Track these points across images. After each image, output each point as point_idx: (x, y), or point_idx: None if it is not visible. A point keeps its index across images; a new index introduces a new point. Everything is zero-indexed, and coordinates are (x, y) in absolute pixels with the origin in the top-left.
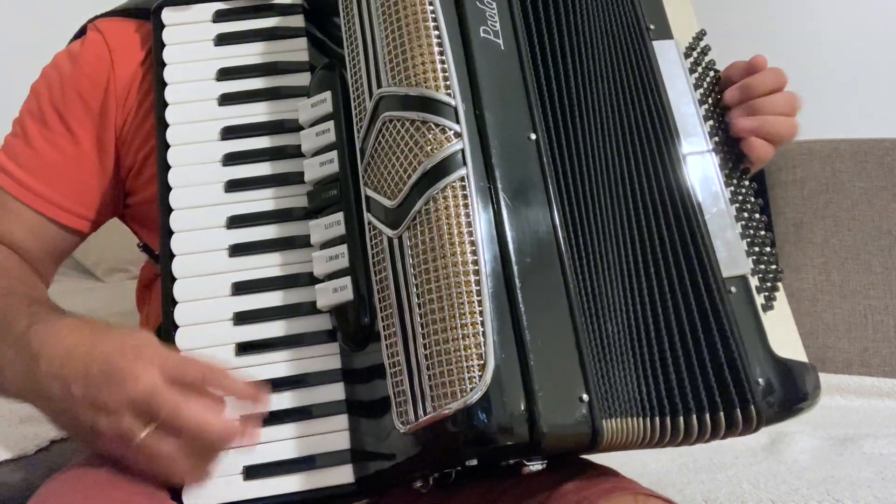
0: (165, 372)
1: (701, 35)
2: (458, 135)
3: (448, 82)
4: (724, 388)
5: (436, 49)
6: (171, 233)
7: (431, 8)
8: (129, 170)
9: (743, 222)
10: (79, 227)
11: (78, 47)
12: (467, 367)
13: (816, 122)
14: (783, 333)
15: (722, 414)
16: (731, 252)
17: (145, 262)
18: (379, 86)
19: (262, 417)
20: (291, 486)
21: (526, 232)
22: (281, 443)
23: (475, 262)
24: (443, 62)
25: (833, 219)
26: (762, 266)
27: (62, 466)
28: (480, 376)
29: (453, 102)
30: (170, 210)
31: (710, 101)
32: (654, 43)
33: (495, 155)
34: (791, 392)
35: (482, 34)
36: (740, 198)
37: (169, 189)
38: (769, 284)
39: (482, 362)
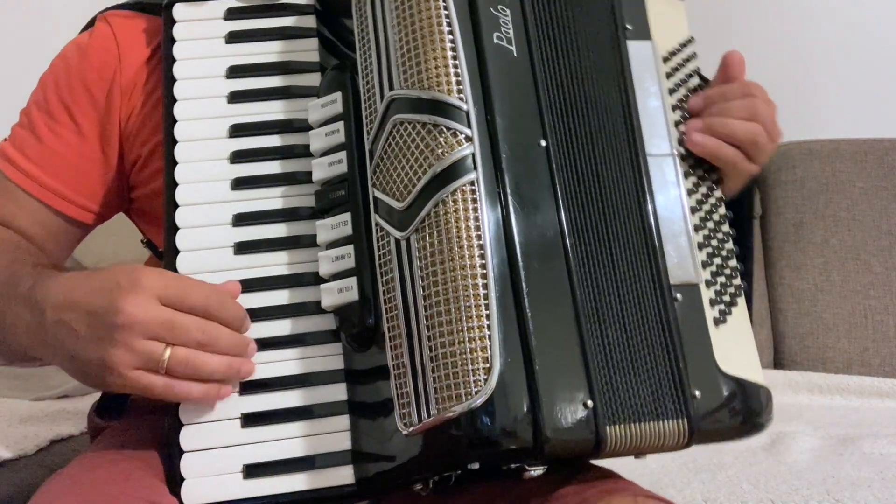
0: (167, 299)
1: (687, 42)
2: (469, 139)
3: (460, 87)
4: (657, 396)
5: (449, 53)
6: (176, 228)
7: (446, 13)
8: (134, 163)
9: (706, 232)
10: (83, 219)
11: (86, 39)
12: (473, 370)
13: (816, 122)
14: (736, 350)
15: (650, 425)
16: (682, 259)
17: (148, 258)
18: (391, 88)
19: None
20: (291, 486)
21: (534, 237)
22: (281, 442)
23: (483, 266)
24: (456, 67)
25: (833, 219)
26: (722, 279)
27: (62, 466)
28: (486, 380)
29: (465, 107)
30: (176, 206)
31: (685, 106)
32: (630, 43)
33: (505, 160)
34: (733, 411)
35: (495, 40)
36: (706, 207)
37: (175, 185)
38: (727, 298)
39: (488, 366)
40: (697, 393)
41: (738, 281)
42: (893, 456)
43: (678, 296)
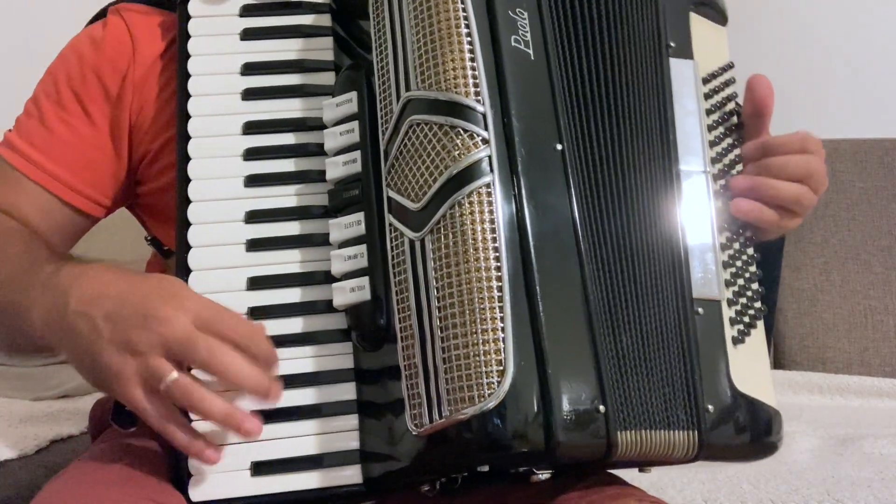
0: (199, 321)
1: (728, 66)
2: (485, 141)
3: (478, 89)
4: (669, 405)
5: (467, 55)
6: (188, 224)
7: (465, 14)
8: (143, 158)
9: (731, 252)
10: (89, 211)
11: (100, 31)
12: (486, 372)
13: (816, 122)
14: (751, 372)
15: (661, 433)
16: (706, 274)
17: (150, 256)
18: (407, 88)
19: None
20: (299, 484)
21: (548, 241)
22: (290, 440)
23: (498, 269)
24: (473, 69)
25: (833, 219)
26: (743, 300)
27: (62, 466)
28: (499, 382)
29: (482, 109)
30: (188, 201)
31: (721, 129)
32: (672, 60)
33: (521, 163)
34: (743, 429)
35: (513, 43)
36: (734, 228)
37: (188, 180)
38: (746, 319)
39: (501, 368)
40: (710, 407)
41: (758, 304)
42: (893, 456)
43: (700, 310)
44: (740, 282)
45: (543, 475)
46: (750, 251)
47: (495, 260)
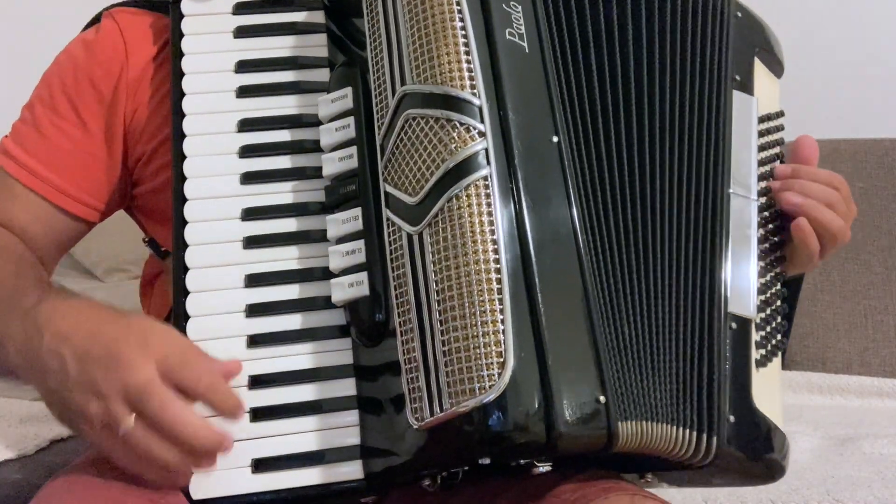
0: (163, 367)
1: (779, 114)
2: (482, 134)
3: (473, 82)
4: (679, 403)
5: (462, 49)
6: (185, 223)
7: (459, 8)
8: (138, 160)
9: (765, 280)
10: (85, 216)
11: (93, 35)
12: (486, 364)
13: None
14: (767, 397)
15: (666, 427)
16: (744, 293)
17: (149, 257)
18: (403, 83)
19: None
20: (300, 481)
21: (546, 233)
22: (290, 437)
23: (496, 261)
24: (468, 62)
25: None
26: (769, 328)
27: (62, 466)
28: (499, 374)
29: (478, 102)
30: (184, 200)
31: (767, 167)
32: (735, 92)
33: (518, 156)
34: (757, 446)
35: (507, 36)
36: (770, 259)
37: (184, 179)
38: (770, 347)
39: (501, 360)
40: (732, 417)
41: (780, 337)
42: (893, 456)
43: (733, 324)
44: (769, 311)
45: (544, 467)
46: (779, 285)
47: (494, 252)
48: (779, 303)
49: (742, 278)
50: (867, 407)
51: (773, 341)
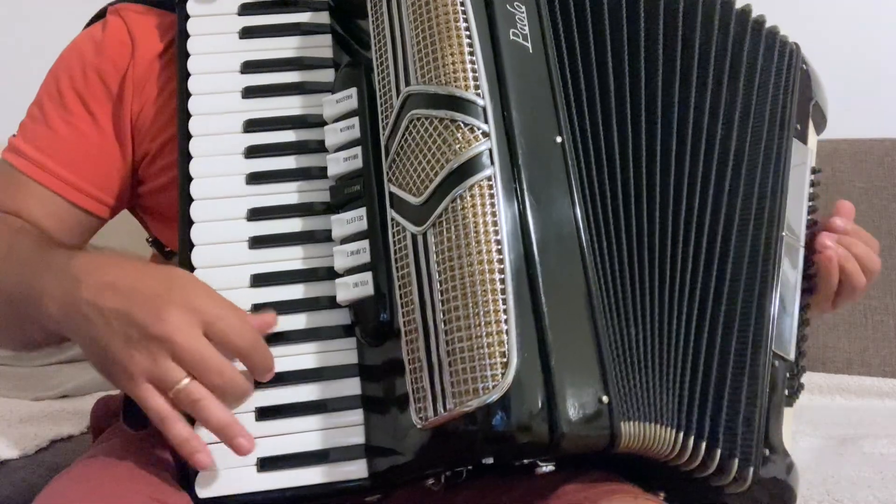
0: (207, 322)
1: (820, 170)
2: (486, 134)
3: (477, 82)
4: (733, 435)
5: (466, 49)
6: (191, 222)
7: (463, 8)
8: (143, 158)
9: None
10: (98, 212)
11: (100, 31)
12: (490, 364)
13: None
14: (787, 433)
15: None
16: (788, 335)
17: (151, 256)
18: (407, 83)
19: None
20: (305, 480)
21: (550, 233)
22: (295, 436)
23: (500, 262)
24: (472, 62)
25: None
26: (795, 371)
27: (62, 466)
28: (503, 374)
29: (482, 102)
30: (190, 199)
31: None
32: (795, 141)
33: (522, 156)
34: (783, 484)
35: (511, 36)
36: (804, 303)
37: (190, 179)
38: (792, 389)
39: (505, 360)
40: (766, 451)
41: (802, 380)
42: (893, 456)
43: (776, 363)
44: (798, 353)
45: (547, 467)
46: (806, 328)
47: (497, 253)
48: (804, 346)
49: (788, 319)
50: (867, 407)
51: (796, 385)
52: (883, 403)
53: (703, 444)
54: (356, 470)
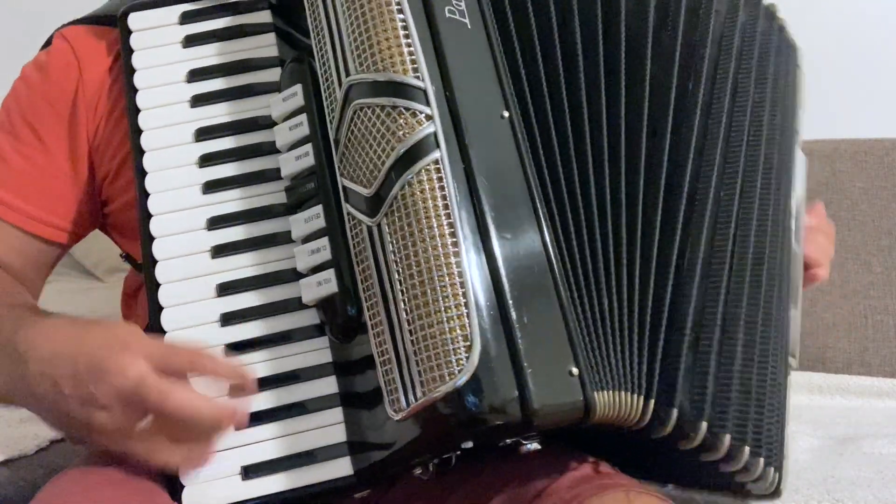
0: (153, 361)
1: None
2: (429, 117)
3: (416, 65)
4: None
5: (401, 32)
6: (152, 238)
7: None
8: (105, 177)
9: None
10: (58, 239)
11: (44, 57)
12: (454, 349)
13: (816, 122)
14: None
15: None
16: (795, 336)
17: (129, 272)
18: (347, 74)
19: (250, 399)
20: (291, 483)
21: (504, 208)
22: (277, 440)
23: (455, 244)
24: (409, 45)
25: (833, 219)
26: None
27: (62, 466)
28: (468, 357)
29: (422, 85)
30: (149, 216)
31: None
32: (796, 147)
33: (468, 135)
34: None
35: (447, 14)
36: None
37: (147, 195)
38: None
39: (468, 343)
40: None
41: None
42: (893, 456)
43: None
44: None
45: (531, 445)
46: None
47: (451, 235)
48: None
49: (793, 326)
50: (867, 407)
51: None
52: (883, 403)
53: (674, 412)
54: (341, 468)
